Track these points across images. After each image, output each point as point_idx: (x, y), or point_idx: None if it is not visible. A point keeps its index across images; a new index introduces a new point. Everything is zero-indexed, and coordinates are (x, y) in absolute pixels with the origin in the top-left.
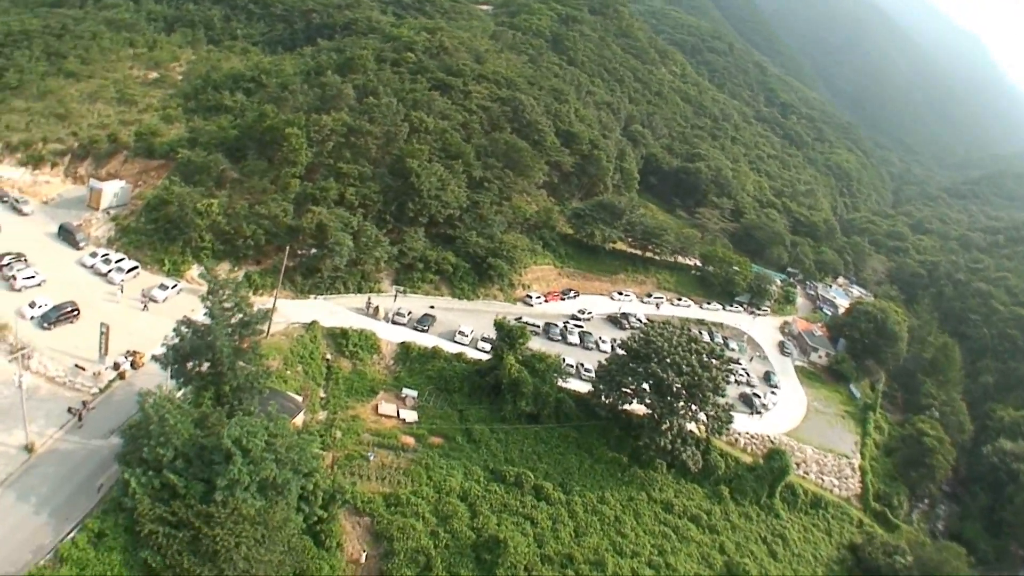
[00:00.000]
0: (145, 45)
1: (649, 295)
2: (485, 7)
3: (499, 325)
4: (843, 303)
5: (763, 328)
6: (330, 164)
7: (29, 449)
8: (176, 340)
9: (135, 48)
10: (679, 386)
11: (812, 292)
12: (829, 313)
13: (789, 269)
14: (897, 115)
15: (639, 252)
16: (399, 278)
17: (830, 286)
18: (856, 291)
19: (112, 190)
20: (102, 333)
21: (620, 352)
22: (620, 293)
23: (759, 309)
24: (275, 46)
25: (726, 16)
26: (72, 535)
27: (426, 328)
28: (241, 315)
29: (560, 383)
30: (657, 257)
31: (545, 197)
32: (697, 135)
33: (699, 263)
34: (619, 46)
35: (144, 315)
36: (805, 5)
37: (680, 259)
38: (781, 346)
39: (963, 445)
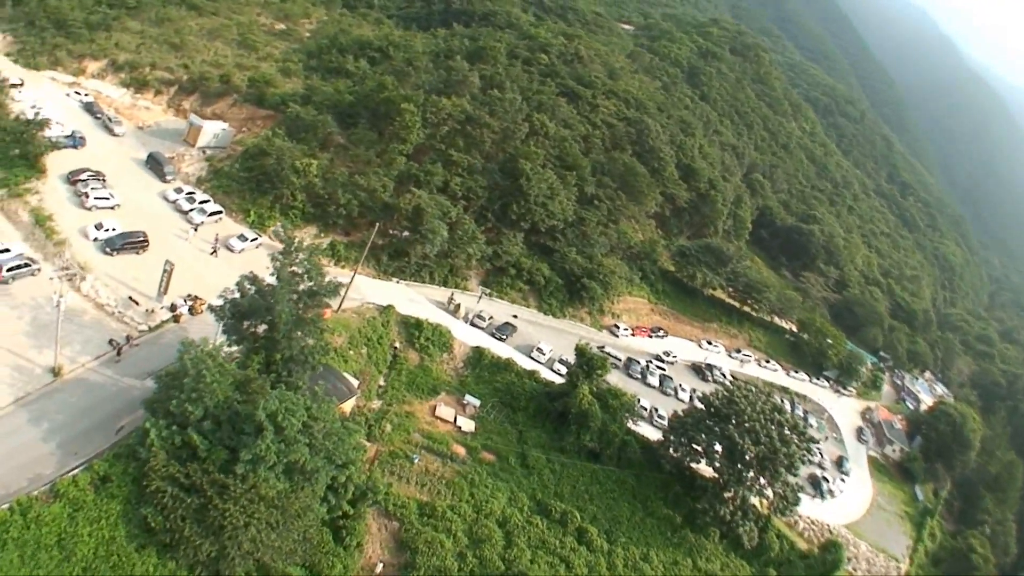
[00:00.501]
0: None
1: (738, 350)
2: (627, 26)
3: (581, 351)
4: (926, 399)
5: (845, 409)
6: (440, 149)
7: (55, 372)
8: (236, 295)
9: None
10: (753, 455)
11: (899, 381)
12: (911, 407)
13: (881, 353)
14: (1006, 217)
15: (737, 304)
16: (487, 280)
17: (916, 378)
18: (940, 389)
19: (213, 130)
20: (165, 271)
21: (699, 406)
22: (709, 342)
23: (845, 389)
24: (409, 22)
25: (862, 83)
26: (75, 472)
27: (504, 337)
28: (311, 283)
29: (630, 424)
30: (754, 313)
31: (653, 228)
32: (816, 197)
33: (795, 328)
34: (753, 91)
35: (214, 262)
36: (939, 90)
37: (776, 320)
38: (859, 432)
39: (1004, 567)
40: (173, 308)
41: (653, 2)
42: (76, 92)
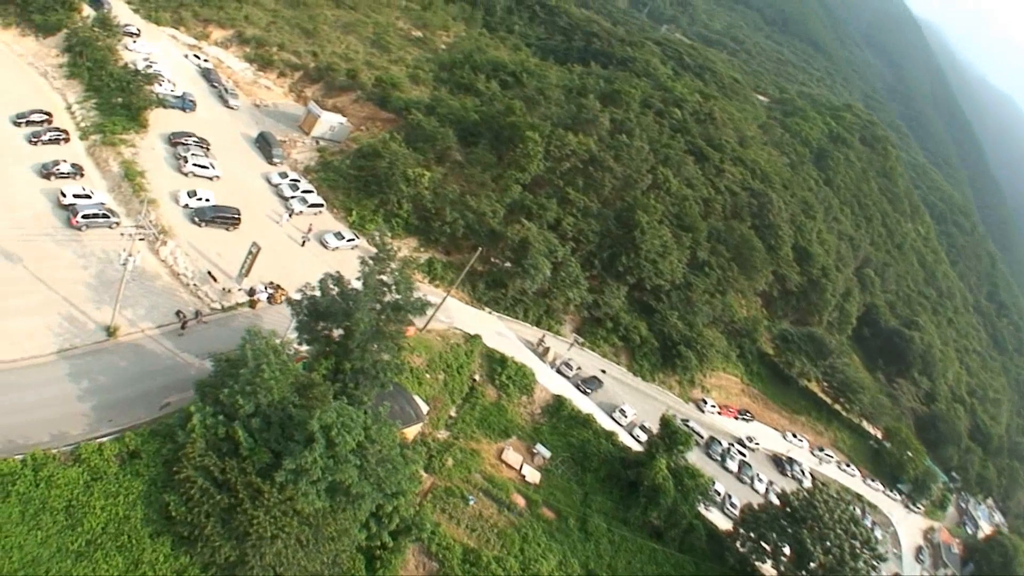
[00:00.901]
0: (420, 3)
1: (821, 448)
2: (762, 97)
3: (666, 422)
4: (985, 526)
5: (910, 525)
6: (558, 185)
7: (110, 332)
8: (317, 293)
9: (408, 1)
10: (819, 563)
11: (963, 504)
12: (970, 532)
13: (953, 473)
14: None
15: (828, 400)
16: (582, 328)
17: (980, 504)
18: (998, 517)
19: (330, 121)
20: (251, 252)
21: (776, 501)
22: (794, 435)
23: (915, 505)
24: (547, 53)
25: (976, 194)
26: (103, 440)
27: (589, 391)
28: (398, 296)
29: (701, 508)
30: (843, 413)
31: (758, 306)
32: (921, 303)
33: (880, 435)
34: (877, 184)
35: (302, 254)
36: None
37: (864, 424)
38: (918, 551)
39: None
40: (251, 293)
41: (790, 77)
42: (196, 56)
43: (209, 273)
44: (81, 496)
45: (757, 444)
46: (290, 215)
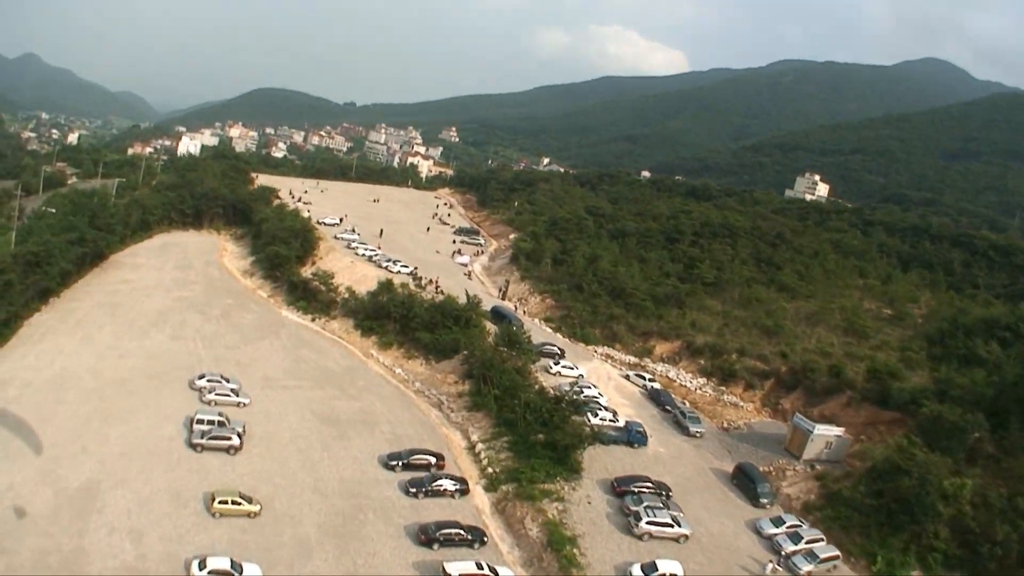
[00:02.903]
0: (877, 277)
1: None
2: None
3: None
4: None
5: None
6: None
7: None
8: None
9: (864, 278)
10: None
11: None
12: None
13: None
14: None
15: None
16: None
17: None
18: None
19: (825, 436)
20: None
21: None
22: None
23: None
24: (1016, 299)
25: None
26: None
27: None
28: None
29: None
30: None
31: None
32: None
33: None
34: None
35: None
36: None
37: None
38: None
39: None
40: None
41: None
42: (639, 375)
43: None
44: None
45: None
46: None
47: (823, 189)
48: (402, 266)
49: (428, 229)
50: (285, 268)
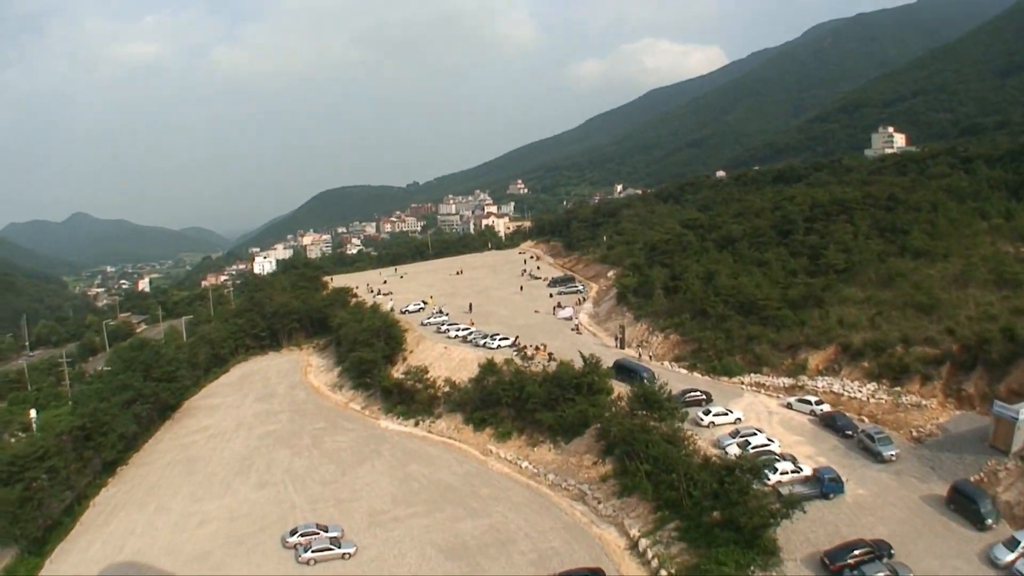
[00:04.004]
0: (999, 215)
1: None
2: None
3: None
4: None
5: None
6: None
7: None
8: None
9: (987, 219)
10: None
11: None
12: None
13: None
14: None
15: None
16: None
17: None
18: None
19: None
20: None
21: None
22: None
23: None
24: None
25: None
26: None
27: None
28: None
29: None
30: None
31: None
32: None
33: None
34: None
35: None
36: None
37: None
38: None
39: None
40: None
41: None
42: (802, 400)
43: None
44: None
45: None
46: None
47: (900, 140)
48: (501, 339)
49: (521, 288)
50: (374, 373)
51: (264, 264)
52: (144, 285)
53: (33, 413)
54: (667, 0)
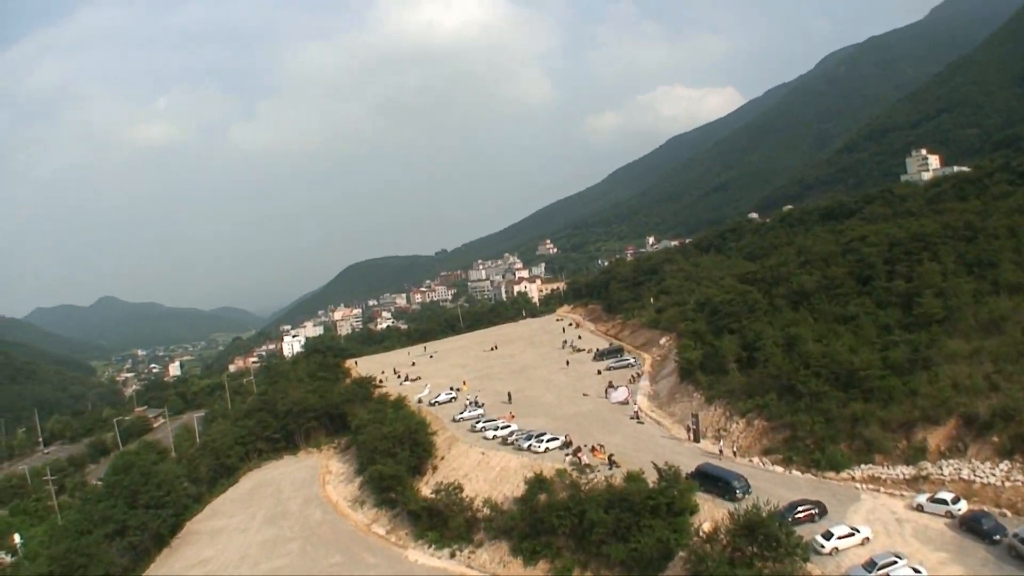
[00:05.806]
0: None
1: None
2: None
3: None
4: None
5: None
6: None
7: None
8: None
9: None
10: None
11: None
12: None
13: None
14: None
15: None
16: None
17: None
18: None
19: None
20: None
21: None
22: None
23: None
24: None
25: None
26: None
27: None
28: None
29: None
30: None
31: None
32: None
33: None
34: None
35: None
36: None
37: None
38: None
39: None
40: None
41: None
42: (934, 500)
43: None
44: None
45: None
46: None
47: (934, 161)
48: (549, 440)
49: (567, 363)
50: (397, 491)
51: (293, 343)
52: (175, 369)
53: (17, 537)
54: (676, 45)
